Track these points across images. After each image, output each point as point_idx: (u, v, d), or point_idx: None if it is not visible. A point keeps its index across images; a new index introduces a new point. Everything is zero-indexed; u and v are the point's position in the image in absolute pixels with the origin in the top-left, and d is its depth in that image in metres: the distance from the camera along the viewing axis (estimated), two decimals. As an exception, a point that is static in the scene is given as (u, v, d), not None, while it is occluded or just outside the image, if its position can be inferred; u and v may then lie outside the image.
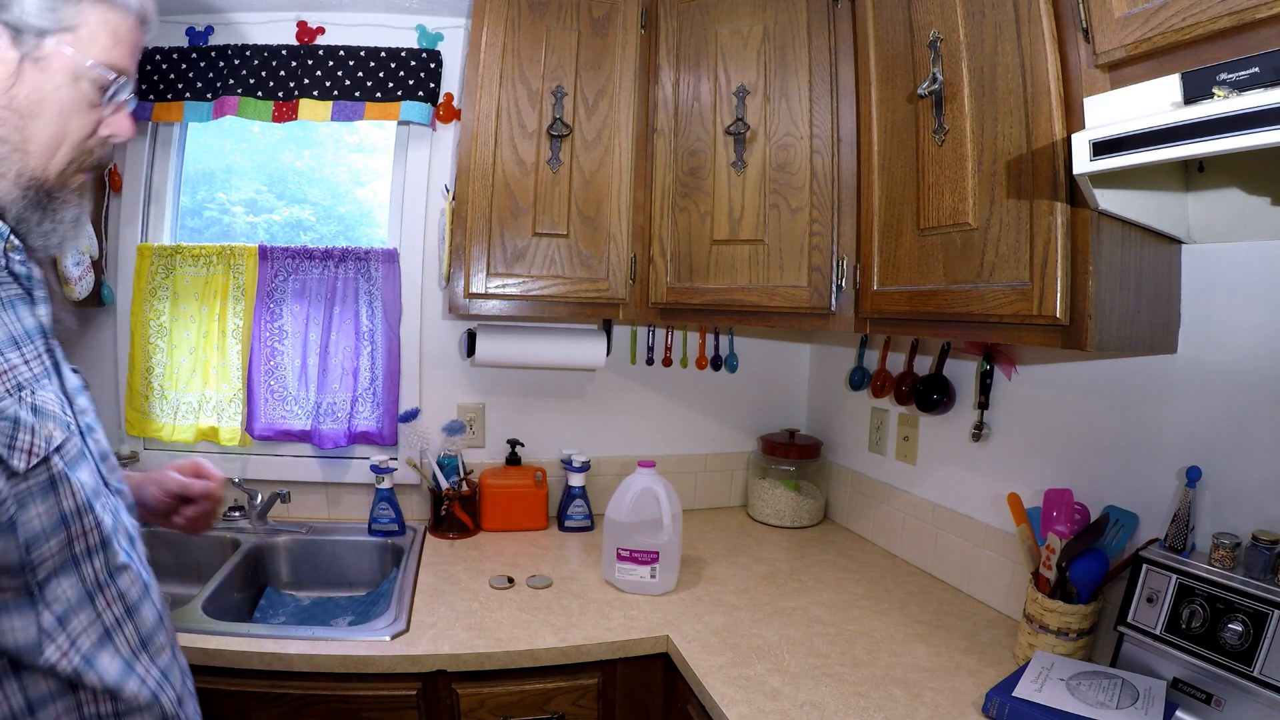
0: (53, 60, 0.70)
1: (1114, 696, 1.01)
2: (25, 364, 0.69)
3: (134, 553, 0.79)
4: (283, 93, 1.74)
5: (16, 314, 0.71)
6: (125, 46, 0.75)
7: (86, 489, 0.71)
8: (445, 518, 1.79)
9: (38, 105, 0.71)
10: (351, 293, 1.84)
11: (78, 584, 0.70)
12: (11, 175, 0.71)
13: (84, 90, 0.73)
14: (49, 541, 0.67)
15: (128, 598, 0.74)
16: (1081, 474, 1.28)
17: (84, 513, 0.70)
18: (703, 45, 1.55)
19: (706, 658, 1.24)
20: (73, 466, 0.70)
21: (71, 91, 0.72)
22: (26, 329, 0.72)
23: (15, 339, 0.69)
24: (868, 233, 1.31)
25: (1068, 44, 0.94)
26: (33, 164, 0.72)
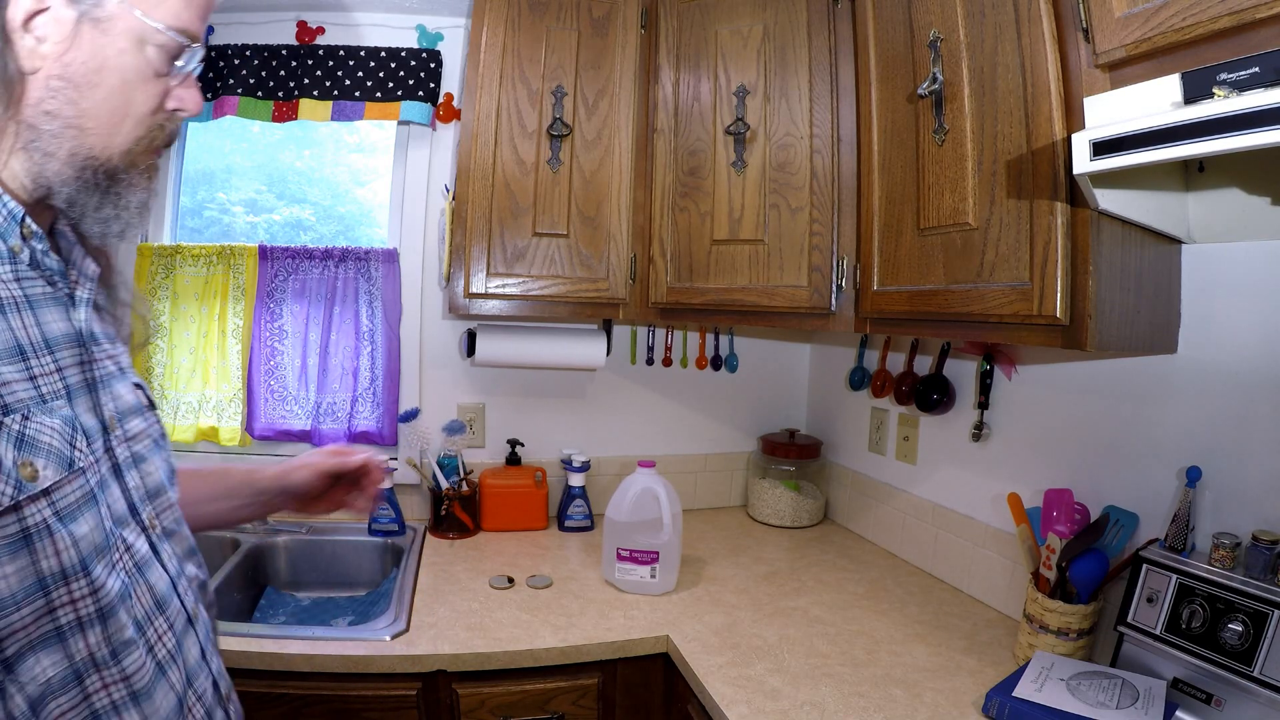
0: (116, 22, 0.59)
1: (1114, 696, 1.01)
2: (27, 380, 0.56)
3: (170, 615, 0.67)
4: (283, 93, 1.74)
5: (36, 317, 0.59)
6: (197, 8, 0.64)
7: (84, 546, 0.57)
8: (445, 518, 1.79)
9: (97, 74, 0.59)
10: (351, 293, 1.84)
11: (62, 662, 0.57)
12: (64, 154, 0.60)
13: (150, 57, 0.62)
14: (20, 610, 0.53)
15: (134, 681, 0.61)
16: (1081, 474, 1.28)
17: (73, 577, 0.56)
18: (703, 45, 1.55)
19: (706, 658, 1.24)
20: (68, 516, 0.57)
21: (136, 58, 0.61)
22: (47, 336, 0.60)
23: (20, 348, 0.57)
24: (868, 233, 1.31)
25: (1068, 44, 0.94)
26: (90, 141, 0.61)
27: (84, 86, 0.59)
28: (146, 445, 0.70)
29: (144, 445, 0.70)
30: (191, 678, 0.68)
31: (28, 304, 0.59)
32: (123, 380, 0.70)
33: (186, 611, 0.70)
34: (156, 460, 0.71)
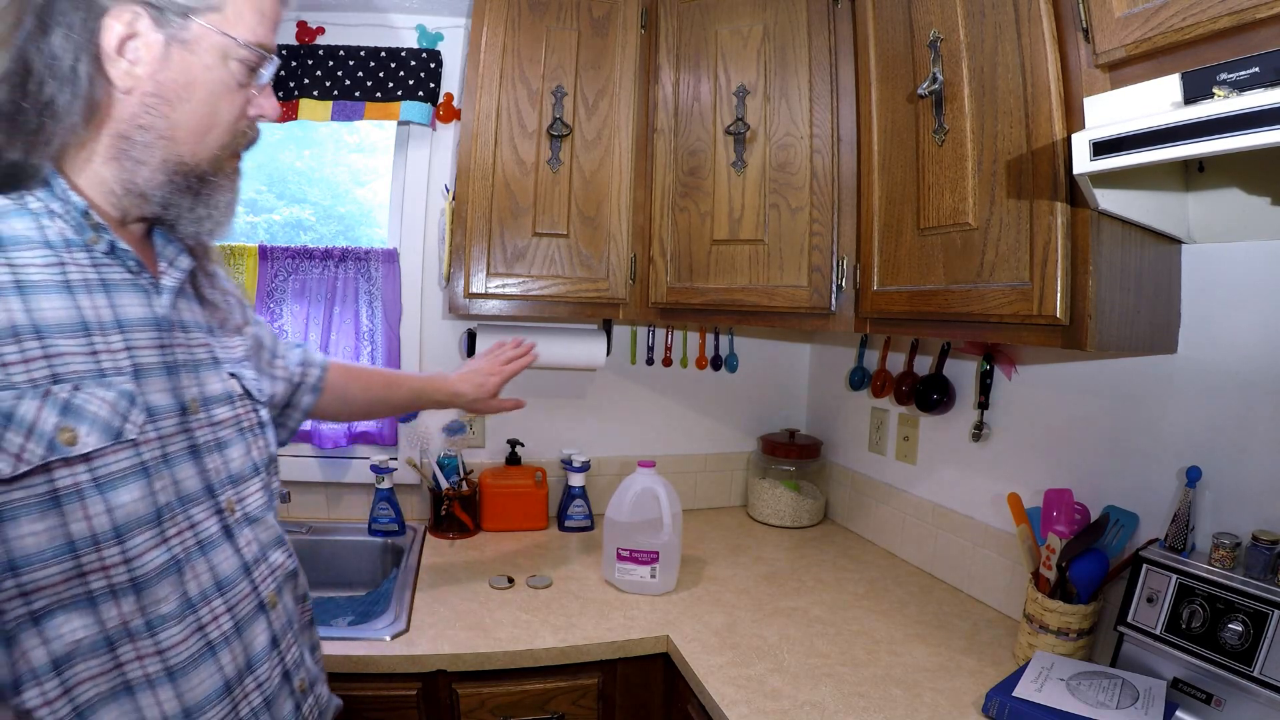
0: (200, 41, 0.65)
1: (1114, 696, 1.01)
2: (88, 355, 0.60)
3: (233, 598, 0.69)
4: (282, 92, 1.74)
5: (110, 299, 0.63)
6: (270, 23, 0.71)
7: (120, 514, 0.59)
8: (445, 518, 1.79)
9: (186, 90, 0.65)
10: (351, 293, 1.84)
11: (93, 626, 0.59)
12: (155, 162, 0.66)
13: (233, 70, 0.68)
14: (49, 568, 0.56)
15: (170, 655, 0.62)
16: (1081, 474, 1.28)
17: (105, 543, 0.58)
18: (703, 45, 1.55)
19: (706, 658, 1.24)
20: (108, 484, 0.59)
21: (221, 73, 0.67)
22: (120, 317, 0.64)
23: (85, 324, 0.61)
24: (868, 233, 1.31)
25: (1068, 44, 0.94)
26: (181, 150, 0.67)
27: (175, 101, 0.65)
28: (231, 432, 0.74)
29: (229, 432, 0.74)
30: (253, 664, 0.70)
31: (102, 287, 0.63)
32: (215, 369, 0.75)
33: (260, 598, 0.72)
34: (241, 447, 0.75)
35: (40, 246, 0.60)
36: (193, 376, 0.71)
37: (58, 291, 0.60)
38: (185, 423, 0.68)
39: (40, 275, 0.59)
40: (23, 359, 0.56)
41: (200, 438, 0.70)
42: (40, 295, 0.59)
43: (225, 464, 0.72)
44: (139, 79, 0.63)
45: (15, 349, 0.56)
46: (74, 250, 0.62)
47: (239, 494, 0.73)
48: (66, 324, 0.60)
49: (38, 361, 0.57)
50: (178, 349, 0.70)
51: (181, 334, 0.71)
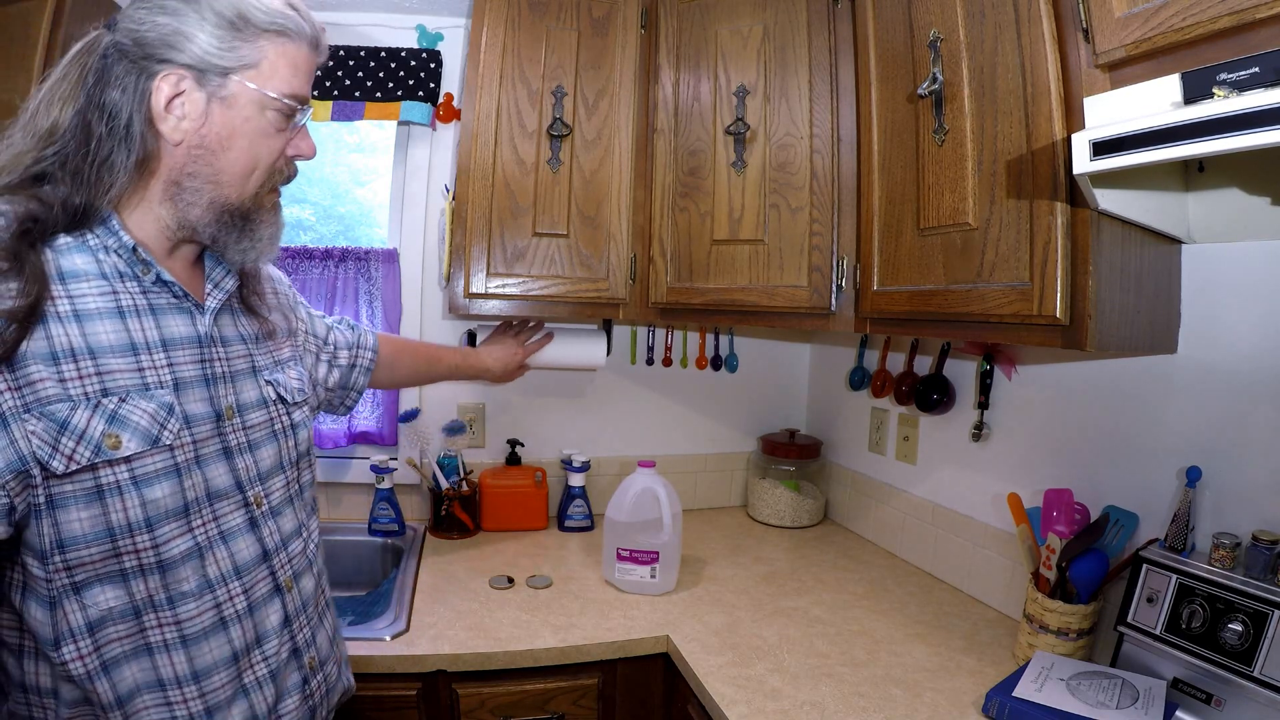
0: (238, 97, 0.74)
1: (1114, 696, 1.01)
2: (135, 371, 0.70)
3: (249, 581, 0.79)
4: (283, 93, 1.74)
5: (157, 321, 0.74)
6: (304, 73, 0.79)
7: (152, 508, 0.70)
8: (445, 518, 1.79)
9: (228, 140, 0.74)
10: (351, 293, 1.84)
11: (123, 597, 0.70)
12: (204, 203, 0.75)
13: (270, 119, 0.76)
14: (90, 548, 0.67)
15: (185, 626, 0.73)
16: (1081, 474, 1.28)
17: (138, 531, 0.69)
18: (703, 45, 1.55)
19: (706, 658, 1.24)
20: (144, 482, 0.69)
21: (259, 123, 0.75)
22: (165, 337, 0.74)
23: (133, 345, 0.71)
24: (868, 233, 1.31)
25: (1068, 44, 0.94)
26: (226, 193, 0.76)
27: (218, 151, 0.74)
28: (264, 434, 0.84)
29: (261, 434, 0.84)
30: (262, 639, 0.80)
31: (150, 311, 0.73)
32: (252, 377, 0.85)
33: (277, 581, 0.82)
34: (272, 448, 0.85)
35: (97, 278, 0.70)
36: (229, 386, 0.81)
37: (111, 317, 0.70)
38: (220, 428, 0.78)
39: (96, 303, 0.70)
40: (79, 375, 0.67)
41: (232, 441, 0.80)
42: (96, 320, 0.69)
43: (256, 463, 0.82)
44: (186, 133, 0.72)
45: (73, 368, 0.67)
46: (126, 280, 0.72)
47: (266, 490, 0.83)
48: (117, 345, 0.70)
49: (91, 378, 0.67)
50: (217, 362, 0.80)
51: (221, 348, 0.81)
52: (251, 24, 0.73)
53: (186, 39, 0.71)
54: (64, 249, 0.70)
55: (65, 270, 0.69)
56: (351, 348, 1.20)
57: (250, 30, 0.73)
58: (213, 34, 0.71)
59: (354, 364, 1.20)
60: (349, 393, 1.22)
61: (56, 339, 0.66)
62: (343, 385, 1.19)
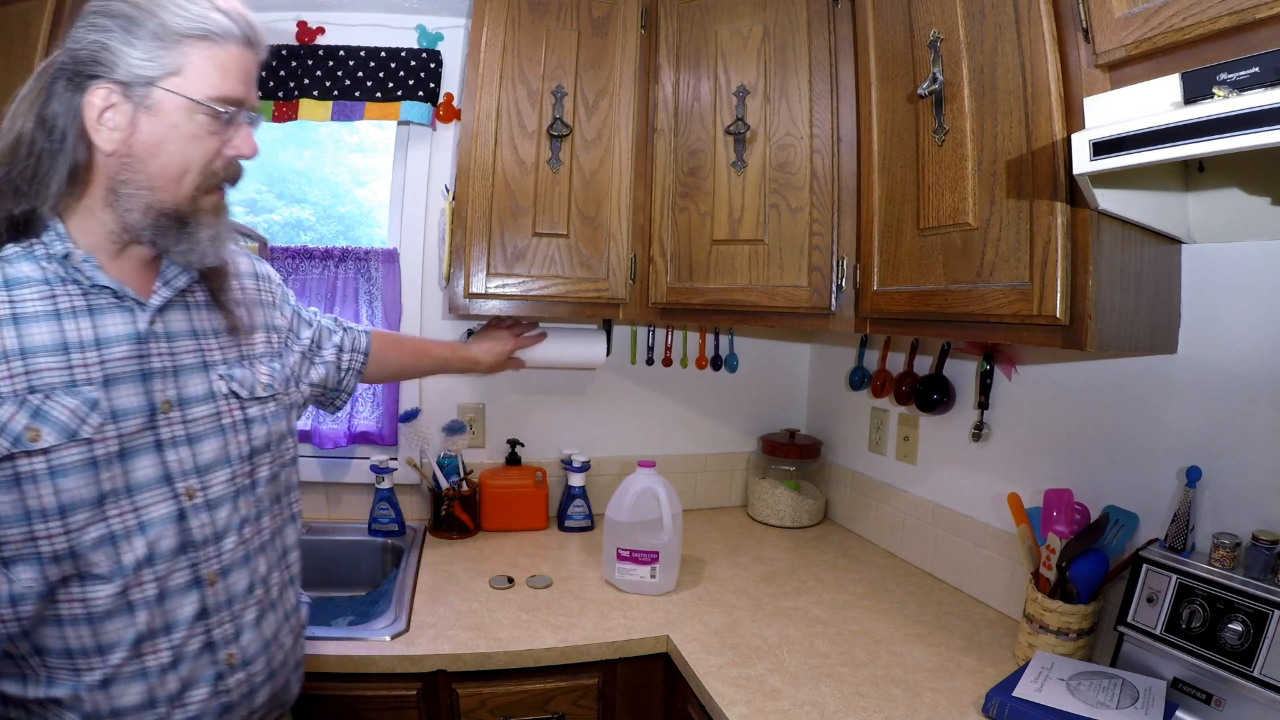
0: (164, 104, 0.76)
1: (1114, 696, 1.01)
2: (64, 369, 0.75)
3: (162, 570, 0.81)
4: (283, 92, 1.74)
5: (94, 321, 0.77)
6: (235, 74, 0.79)
7: (65, 496, 0.74)
8: (445, 518, 1.79)
9: (156, 147, 0.77)
10: (351, 293, 1.84)
11: (40, 578, 0.75)
12: (140, 208, 0.78)
13: (200, 122, 0.78)
14: (11, 529, 0.73)
15: (92, 606, 0.77)
16: (1081, 474, 1.28)
17: (51, 517, 0.74)
18: (703, 45, 1.55)
19: (706, 658, 1.24)
20: (59, 473, 0.74)
21: (188, 127, 0.77)
22: (100, 336, 0.77)
23: (65, 345, 0.75)
24: (868, 233, 1.31)
25: (1068, 44, 0.94)
26: (161, 197, 0.78)
27: (147, 158, 0.77)
28: (208, 428, 0.86)
29: (205, 428, 0.86)
30: (171, 627, 0.82)
31: (88, 312, 0.77)
32: (202, 371, 0.87)
33: (197, 574, 0.84)
34: (216, 441, 0.87)
35: (40, 284, 0.76)
36: (171, 380, 0.83)
37: (47, 319, 0.75)
38: (153, 421, 0.81)
39: (35, 307, 0.75)
40: (9, 375, 0.73)
41: (166, 434, 0.82)
42: (32, 323, 0.74)
43: (194, 456, 0.84)
44: (117, 143, 0.76)
45: (4, 368, 0.72)
46: (68, 284, 0.77)
47: (204, 482, 0.85)
48: (50, 345, 0.75)
49: (20, 377, 0.73)
50: (156, 358, 0.82)
51: (165, 343, 0.84)
52: (173, 32, 0.75)
53: (113, 54, 0.74)
54: (11, 258, 0.76)
55: (10, 278, 0.75)
56: (340, 349, 1.21)
57: (172, 38, 0.75)
58: (137, 46, 0.75)
59: (339, 364, 1.21)
60: (339, 393, 1.23)
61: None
62: (331, 385, 1.20)
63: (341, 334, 1.22)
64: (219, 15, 0.78)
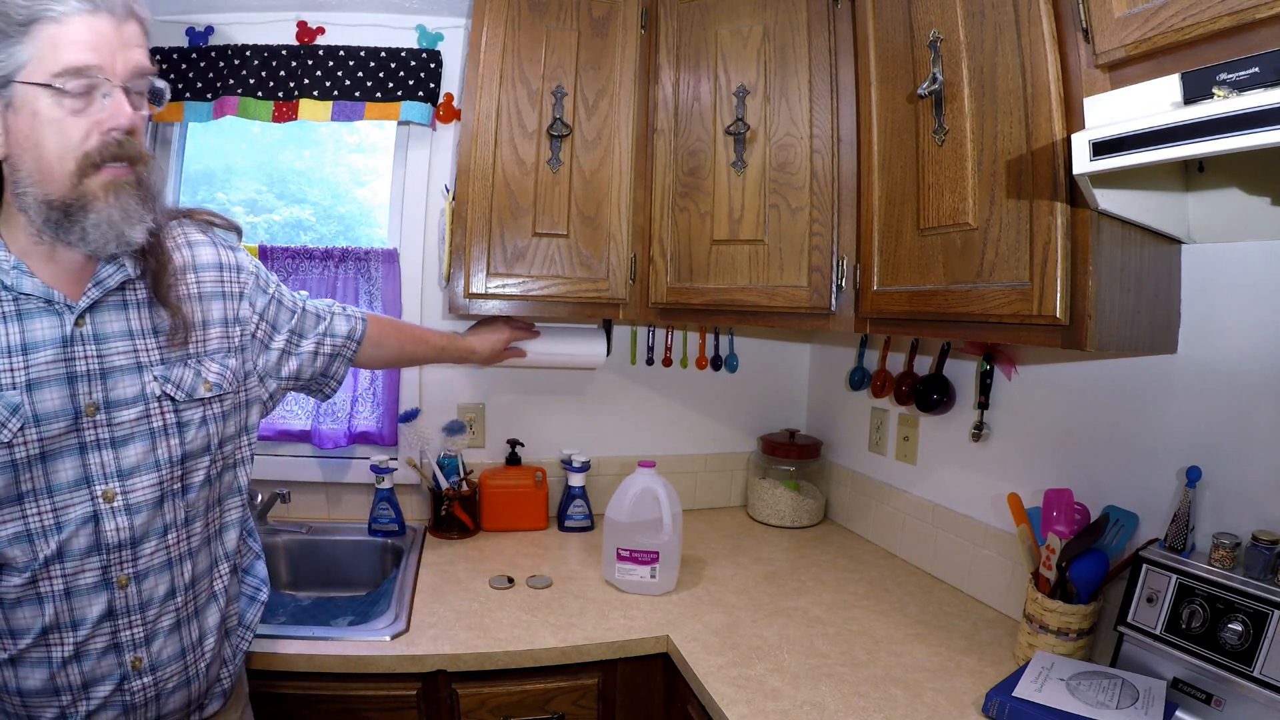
0: (24, 97, 0.74)
1: (1114, 696, 1.01)
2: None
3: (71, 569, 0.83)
4: (283, 93, 1.74)
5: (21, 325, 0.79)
6: (83, 45, 0.75)
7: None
8: (445, 518, 1.79)
9: (28, 140, 0.76)
10: (351, 293, 1.84)
11: None
12: (33, 205, 0.78)
13: (67, 105, 0.75)
14: None
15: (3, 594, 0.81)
16: (1081, 474, 1.28)
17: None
18: (703, 45, 1.55)
19: (706, 658, 1.24)
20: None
21: (50, 113, 0.75)
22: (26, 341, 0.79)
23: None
24: (868, 233, 1.31)
25: (1068, 44, 0.94)
26: (47, 189, 0.77)
27: (24, 154, 0.76)
28: (138, 430, 0.86)
29: (131, 430, 0.85)
30: (77, 624, 0.84)
31: (17, 317, 0.79)
32: (134, 373, 0.86)
33: (108, 576, 0.85)
34: (143, 444, 0.86)
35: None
36: (97, 384, 0.83)
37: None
38: (78, 424, 0.82)
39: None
40: None
41: (89, 436, 0.83)
42: None
43: (116, 459, 0.84)
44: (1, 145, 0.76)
45: None
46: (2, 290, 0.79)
47: (126, 486, 0.85)
48: None
49: None
50: (80, 360, 0.82)
51: (92, 346, 0.83)
52: (14, 23, 0.73)
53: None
54: None
55: None
56: (322, 337, 1.14)
57: (15, 30, 0.73)
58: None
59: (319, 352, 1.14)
60: (328, 380, 1.19)
61: None
62: (308, 372, 1.14)
63: (330, 320, 1.16)
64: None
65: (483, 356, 1.56)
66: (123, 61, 0.78)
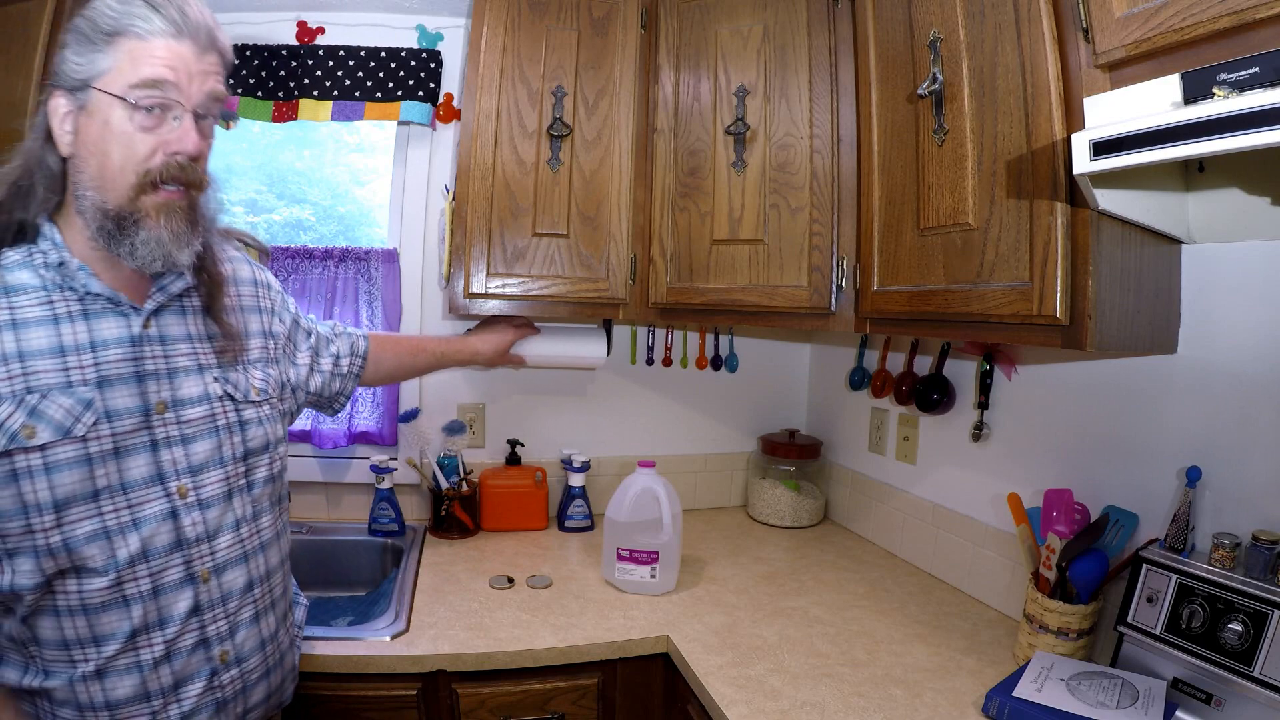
0: (98, 103, 0.78)
1: (1114, 696, 1.01)
2: (60, 371, 0.78)
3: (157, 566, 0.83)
4: (283, 93, 1.74)
5: (89, 325, 0.81)
6: (161, 64, 0.79)
7: (60, 491, 0.77)
8: (445, 518, 1.79)
9: (94, 146, 0.79)
10: (351, 293, 1.84)
11: (37, 571, 0.77)
12: (90, 210, 0.80)
13: (138, 120, 0.79)
14: (12, 523, 0.76)
15: (86, 598, 0.80)
16: (1081, 474, 1.28)
17: (45, 511, 0.77)
18: (703, 45, 1.55)
19: (706, 658, 1.24)
20: (54, 468, 0.77)
21: (120, 125, 0.78)
22: (95, 339, 0.81)
23: (62, 348, 0.79)
24: (868, 233, 1.31)
25: (1068, 44, 0.94)
26: (104, 196, 0.80)
27: (89, 159, 0.79)
28: (204, 429, 0.89)
29: (200, 428, 0.88)
30: (165, 622, 0.84)
31: (84, 316, 0.81)
32: (197, 374, 0.89)
33: (191, 571, 0.86)
34: (210, 442, 0.89)
35: (37, 290, 0.80)
36: (166, 382, 0.86)
37: (45, 324, 0.79)
38: (148, 421, 0.84)
39: (33, 313, 0.79)
40: (8, 376, 0.76)
41: (160, 434, 0.85)
42: (30, 328, 0.78)
43: (187, 456, 0.87)
44: (69, 146, 0.80)
45: (3, 370, 0.76)
46: (64, 290, 0.81)
47: (197, 482, 0.87)
48: (47, 349, 0.78)
49: (18, 378, 0.76)
50: (149, 360, 0.85)
51: (160, 346, 0.86)
52: (101, 31, 0.77)
53: (63, 62, 0.79)
54: (11, 265, 0.80)
55: (9, 285, 0.79)
56: (337, 356, 1.23)
57: (100, 38, 0.77)
58: (75, 51, 0.78)
59: (336, 371, 1.22)
60: (338, 397, 1.26)
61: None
62: (328, 390, 1.22)
63: (339, 340, 1.24)
64: (143, 8, 0.78)
65: (487, 357, 1.55)
66: (198, 88, 0.82)
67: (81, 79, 0.78)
